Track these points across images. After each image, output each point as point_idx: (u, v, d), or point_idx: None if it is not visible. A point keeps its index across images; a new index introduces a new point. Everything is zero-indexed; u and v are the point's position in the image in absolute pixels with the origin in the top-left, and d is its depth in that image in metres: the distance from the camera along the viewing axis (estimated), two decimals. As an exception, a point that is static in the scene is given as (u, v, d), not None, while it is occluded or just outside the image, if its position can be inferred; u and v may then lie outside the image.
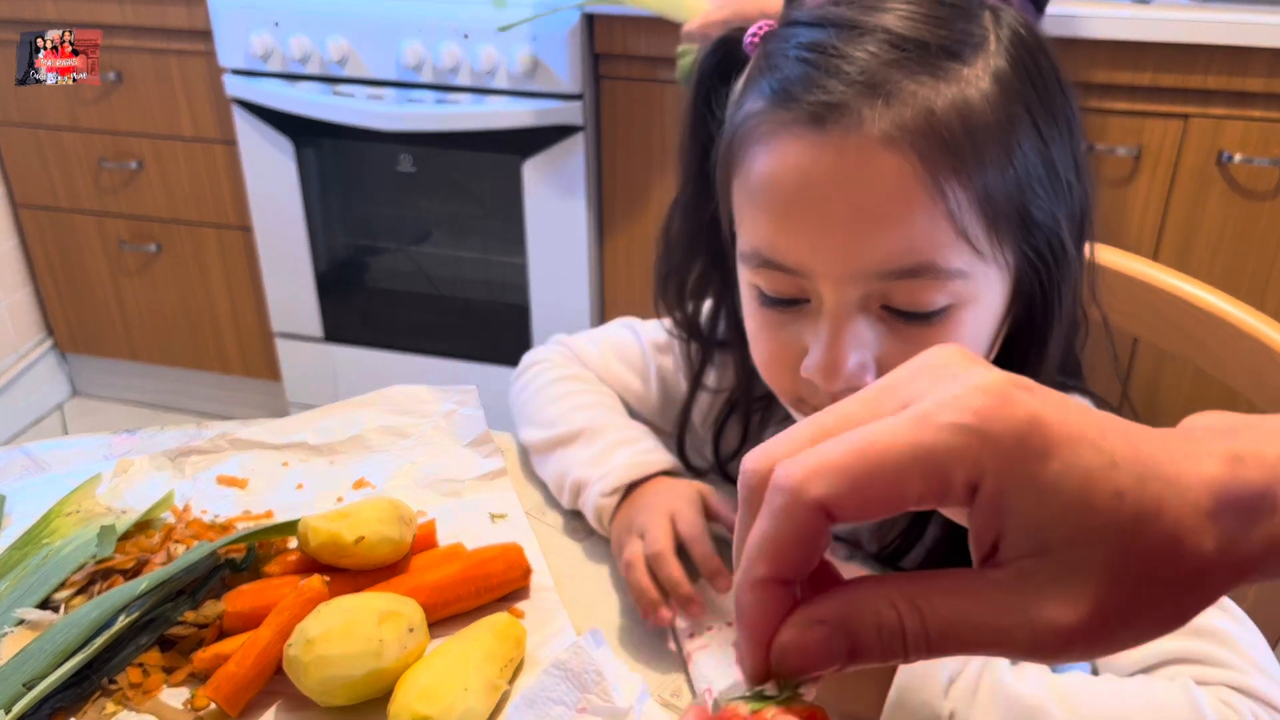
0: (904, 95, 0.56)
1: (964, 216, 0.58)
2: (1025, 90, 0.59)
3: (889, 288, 0.60)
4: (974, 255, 0.59)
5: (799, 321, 0.63)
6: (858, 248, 0.59)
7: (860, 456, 0.29)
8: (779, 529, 0.30)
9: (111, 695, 0.68)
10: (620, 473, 0.79)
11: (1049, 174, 0.61)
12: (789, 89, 0.59)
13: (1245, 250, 1.76)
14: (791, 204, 0.60)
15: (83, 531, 0.80)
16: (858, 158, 0.57)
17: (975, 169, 0.57)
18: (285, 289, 2.24)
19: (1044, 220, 0.61)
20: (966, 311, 0.61)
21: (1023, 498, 0.29)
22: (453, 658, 0.66)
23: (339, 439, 0.94)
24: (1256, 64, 1.62)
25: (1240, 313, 0.83)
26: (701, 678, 0.68)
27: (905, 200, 0.57)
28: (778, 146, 0.60)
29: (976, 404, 0.29)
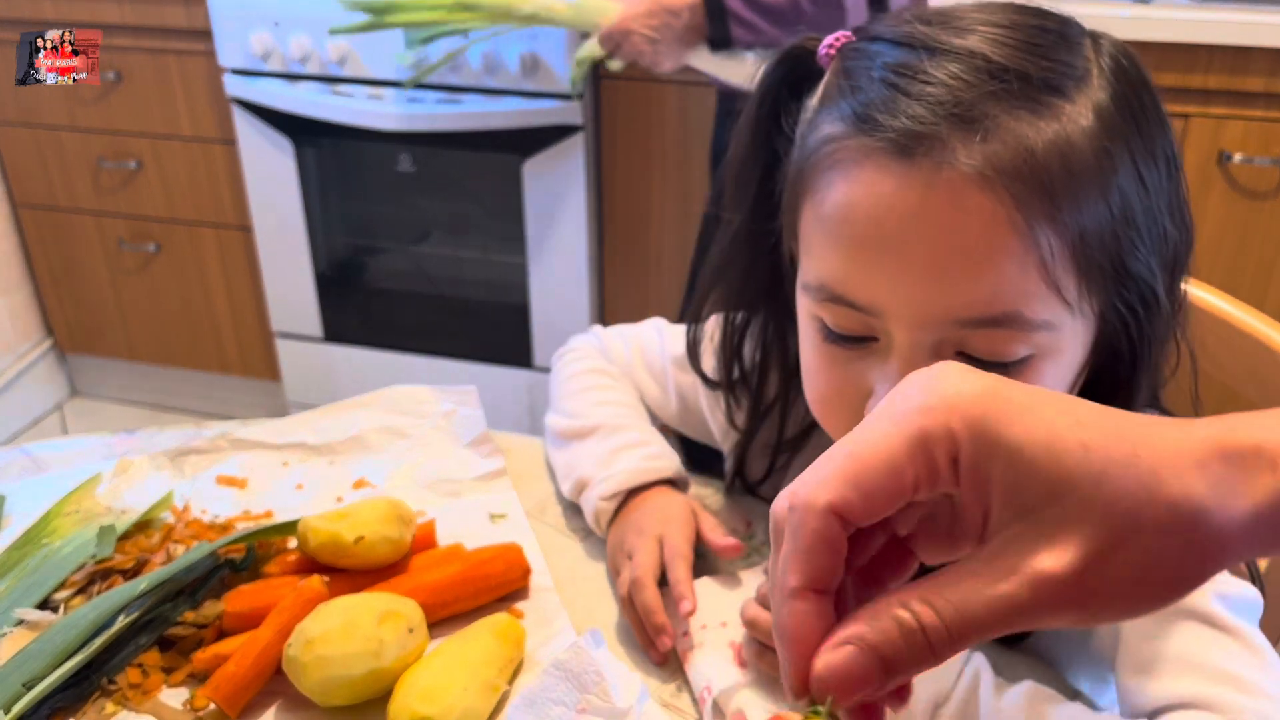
0: (1001, 131, 0.52)
1: (1056, 266, 0.53)
2: (1128, 129, 0.55)
3: (967, 335, 0.55)
4: (1062, 306, 0.55)
5: (864, 360, 0.59)
6: (939, 292, 0.54)
7: (853, 459, 0.32)
8: (799, 540, 0.32)
9: (111, 695, 0.68)
10: (621, 478, 0.79)
11: (1147, 220, 0.56)
12: (873, 114, 0.54)
13: (1245, 250, 1.76)
14: (870, 239, 0.55)
15: (82, 532, 0.80)
16: (947, 195, 0.52)
17: (1071, 215, 0.53)
18: (285, 289, 2.24)
19: (1139, 271, 0.57)
20: (1046, 363, 0.56)
21: (995, 462, 0.31)
22: (452, 658, 0.66)
23: (338, 439, 0.94)
24: (1257, 64, 1.62)
25: (1240, 312, 0.83)
26: (699, 676, 0.68)
27: (996, 245, 0.52)
28: (858, 176, 0.55)
29: (935, 387, 0.32)
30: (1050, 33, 0.56)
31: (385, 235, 2.22)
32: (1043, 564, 0.30)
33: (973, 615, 0.30)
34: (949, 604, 0.30)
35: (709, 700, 0.66)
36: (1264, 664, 0.58)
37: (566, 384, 0.91)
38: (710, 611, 0.71)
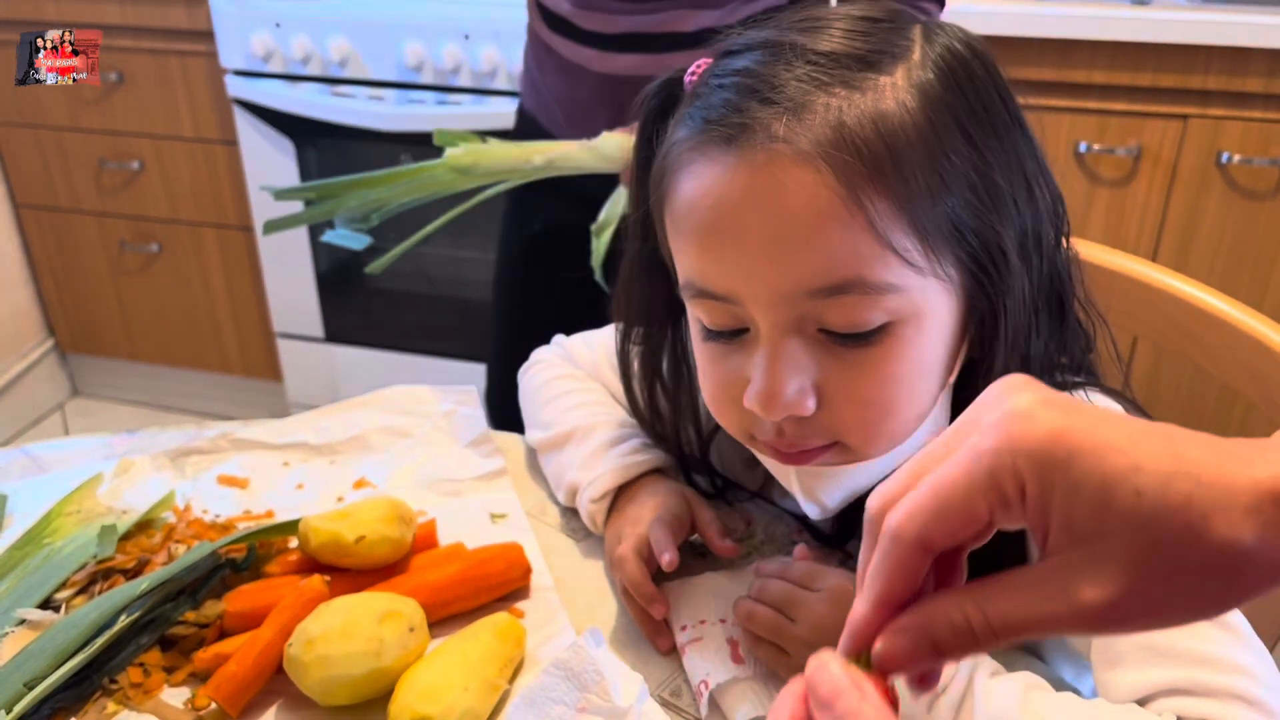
0: (815, 108, 0.56)
1: (888, 228, 0.56)
2: (954, 100, 0.58)
3: (821, 308, 0.57)
4: (907, 268, 0.57)
5: (740, 353, 0.62)
6: (779, 268, 0.57)
7: (934, 496, 0.36)
8: (887, 563, 0.37)
9: (112, 695, 0.68)
10: (608, 478, 0.79)
11: (985, 186, 0.58)
12: (709, 116, 0.59)
13: (1244, 250, 1.76)
14: (712, 227, 0.59)
15: (83, 531, 0.80)
16: (770, 174, 0.56)
17: (895, 178, 0.55)
18: (286, 289, 2.24)
19: (982, 231, 0.59)
20: (909, 329, 0.59)
21: (1055, 498, 0.34)
22: (453, 657, 0.66)
23: (339, 439, 0.94)
24: (1255, 65, 1.62)
25: (1239, 313, 0.83)
26: (697, 670, 0.68)
27: (821, 214, 0.55)
28: (696, 170, 0.59)
29: (1006, 427, 0.35)
30: (878, 21, 0.60)
31: (386, 236, 2.22)
32: (1085, 595, 0.34)
33: (1017, 624, 0.35)
34: (1000, 612, 0.35)
35: (706, 694, 0.67)
36: (1236, 637, 0.59)
37: (535, 396, 0.91)
38: (708, 608, 0.72)
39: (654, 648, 0.72)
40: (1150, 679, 0.58)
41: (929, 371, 0.61)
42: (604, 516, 0.80)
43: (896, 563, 0.37)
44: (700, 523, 0.77)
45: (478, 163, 1.21)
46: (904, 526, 0.36)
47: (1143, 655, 0.59)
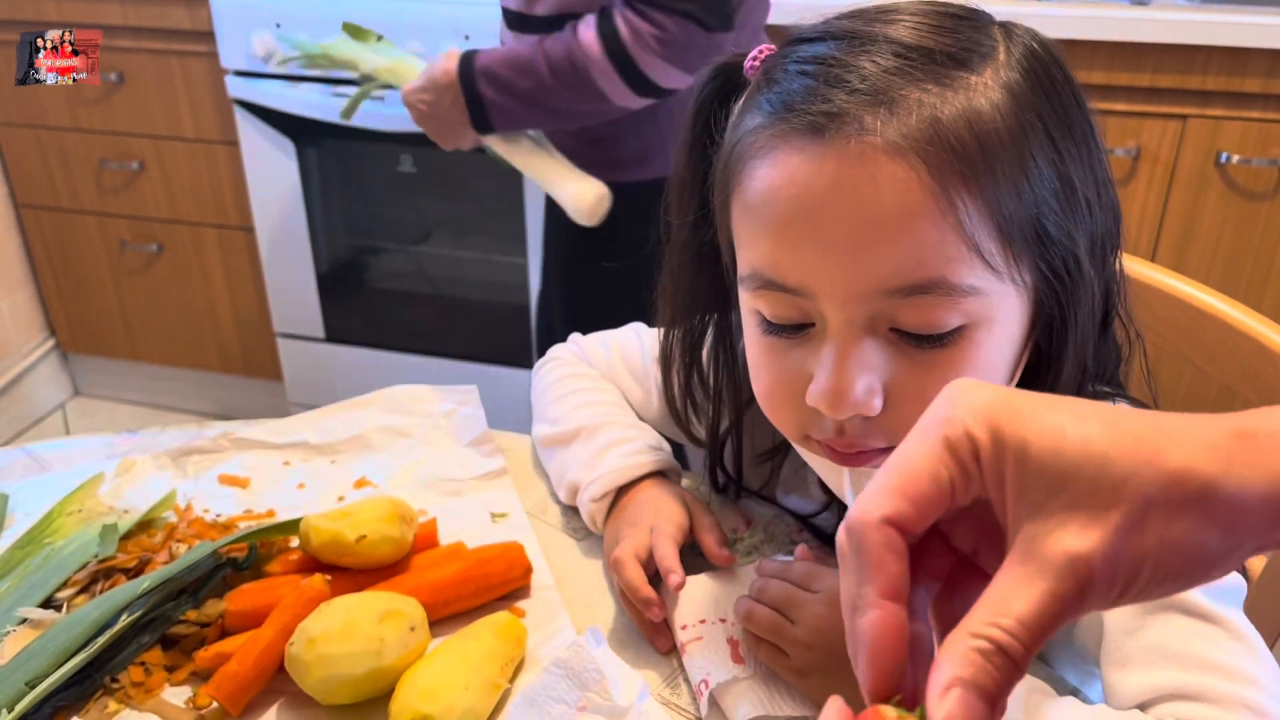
0: (908, 103, 0.54)
1: (976, 229, 0.54)
2: (1039, 102, 0.57)
3: (897, 307, 0.56)
4: (988, 271, 0.56)
5: (803, 348, 0.60)
6: (862, 263, 0.55)
7: (896, 473, 0.35)
8: (865, 556, 0.34)
9: (114, 694, 0.68)
10: (608, 478, 0.80)
11: (1065, 190, 0.57)
12: (789, 101, 0.57)
13: (1243, 250, 1.76)
14: (791, 218, 0.57)
15: (85, 531, 0.80)
16: (860, 167, 0.54)
17: (987, 179, 0.54)
18: (286, 289, 2.24)
19: (1060, 237, 0.58)
20: (981, 332, 0.57)
21: (1005, 460, 0.33)
22: (453, 656, 0.66)
23: (340, 439, 0.94)
24: (1254, 65, 1.63)
25: (1238, 313, 0.83)
26: (697, 669, 0.68)
27: (912, 211, 0.54)
28: (777, 159, 0.57)
29: (952, 396, 0.35)
30: (959, 18, 0.59)
31: (386, 236, 2.22)
32: (1069, 546, 0.32)
33: (1032, 620, 0.32)
34: (1009, 618, 0.32)
35: (706, 693, 0.67)
36: (1249, 649, 0.58)
37: (547, 393, 0.91)
38: (708, 607, 0.72)
39: (653, 648, 0.73)
40: (1158, 681, 0.58)
41: (995, 376, 0.60)
42: (603, 516, 0.80)
43: (876, 550, 0.34)
44: (699, 529, 0.77)
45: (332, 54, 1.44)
46: (870, 510, 0.34)
47: (1152, 658, 0.59)
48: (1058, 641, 0.69)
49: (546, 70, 1.25)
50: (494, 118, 1.32)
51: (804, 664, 0.66)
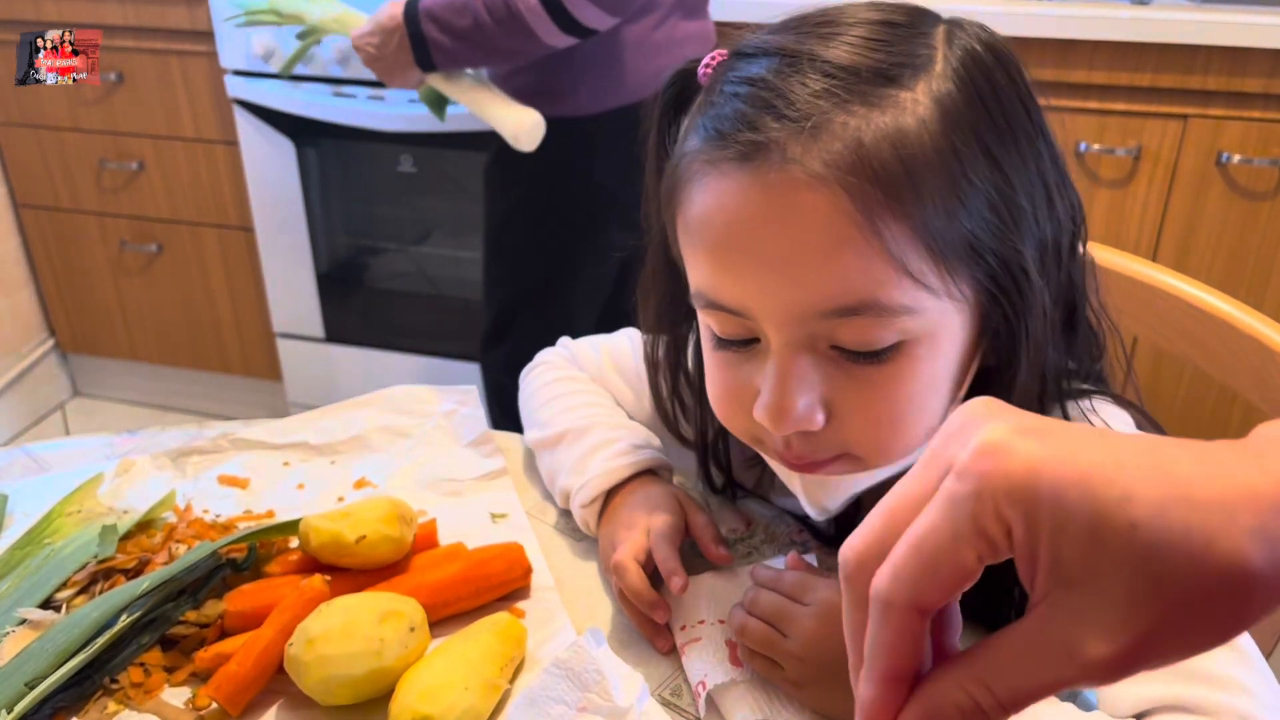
0: (833, 128, 0.54)
1: (903, 252, 0.54)
2: (974, 113, 0.56)
3: (834, 327, 0.57)
4: (921, 290, 0.56)
5: (751, 361, 0.61)
6: (793, 289, 0.56)
7: (919, 554, 0.33)
8: (885, 635, 0.34)
9: (113, 695, 0.68)
10: (596, 482, 0.79)
11: (1005, 203, 0.57)
12: (720, 128, 0.57)
13: (1244, 250, 1.76)
14: (725, 244, 0.58)
15: (84, 531, 0.80)
16: (784, 197, 0.54)
17: (913, 202, 0.54)
18: (286, 289, 2.24)
19: (1002, 251, 0.58)
20: (920, 347, 0.58)
21: (1041, 538, 0.31)
22: (453, 657, 0.66)
23: (340, 439, 0.94)
24: (1255, 65, 1.63)
25: (1239, 313, 0.83)
26: (695, 670, 0.68)
27: (836, 238, 0.54)
28: (710, 185, 0.58)
29: (979, 467, 0.32)
30: (897, 26, 0.58)
31: (386, 236, 2.22)
32: (1091, 650, 0.31)
33: (1027, 694, 0.32)
34: (1005, 685, 0.32)
35: (704, 694, 0.67)
36: (1242, 657, 0.58)
37: (535, 396, 0.91)
38: (707, 608, 0.72)
39: (653, 648, 0.72)
40: (1151, 693, 0.58)
41: (939, 387, 0.61)
42: (595, 521, 0.80)
43: (895, 632, 0.34)
44: (694, 527, 0.77)
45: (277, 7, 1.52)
46: (894, 592, 0.33)
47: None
48: None
49: (484, 11, 1.35)
50: (436, 56, 1.41)
51: (798, 676, 0.65)
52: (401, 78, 1.47)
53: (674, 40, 1.51)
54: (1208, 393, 1.85)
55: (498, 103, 1.44)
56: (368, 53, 1.45)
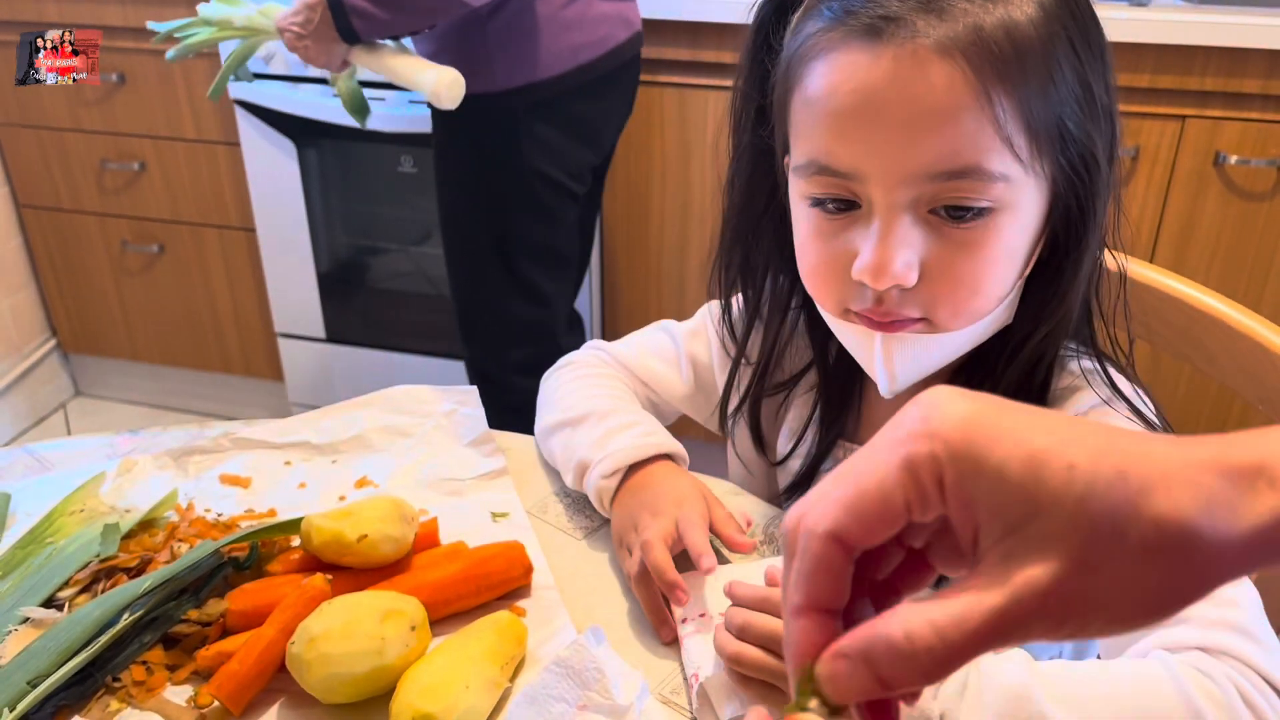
0: (955, 11, 0.61)
1: (1008, 124, 0.62)
2: (1065, 18, 0.64)
3: (937, 189, 0.63)
4: (1015, 162, 0.63)
5: (849, 229, 0.67)
6: (910, 150, 0.63)
7: (849, 486, 0.35)
8: (804, 563, 0.35)
9: (115, 693, 0.69)
10: (620, 455, 0.81)
11: (1085, 96, 0.65)
12: (849, 7, 0.64)
13: (1242, 251, 1.76)
14: (850, 111, 0.64)
15: (86, 530, 0.80)
16: (912, 65, 0.61)
17: (1019, 82, 0.62)
18: (287, 289, 2.24)
19: (1080, 136, 0.65)
20: (1005, 216, 0.65)
21: (978, 483, 0.33)
22: (454, 656, 0.67)
23: (341, 438, 0.94)
24: (1253, 65, 1.63)
25: (1236, 313, 0.84)
26: (690, 661, 0.68)
27: (956, 105, 0.61)
28: (837, 59, 0.64)
29: (920, 413, 0.34)
30: None
31: (387, 236, 2.22)
32: (1026, 575, 0.31)
33: (969, 630, 0.32)
34: (949, 622, 0.32)
35: (695, 686, 0.67)
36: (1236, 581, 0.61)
37: (558, 389, 0.93)
38: (711, 601, 0.72)
39: (657, 638, 0.73)
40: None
41: (1014, 257, 0.68)
42: (611, 495, 0.81)
43: (814, 562, 0.35)
44: (716, 520, 0.77)
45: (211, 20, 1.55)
46: (817, 521, 0.35)
47: None
48: None
49: None
50: (356, 23, 1.44)
51: None
52: (326, 56, 1.49)
53: (587, 18, 1.56)
54: (1205, 393, 1.85)
55: (417, 65, 1.48)
56: (293, 33, 1.47)
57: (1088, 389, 0.72)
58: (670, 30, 1.79)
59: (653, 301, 2.10)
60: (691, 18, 1.79)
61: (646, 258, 2.06)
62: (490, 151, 1.58)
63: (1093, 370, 0.73)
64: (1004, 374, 0.73)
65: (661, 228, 2.02)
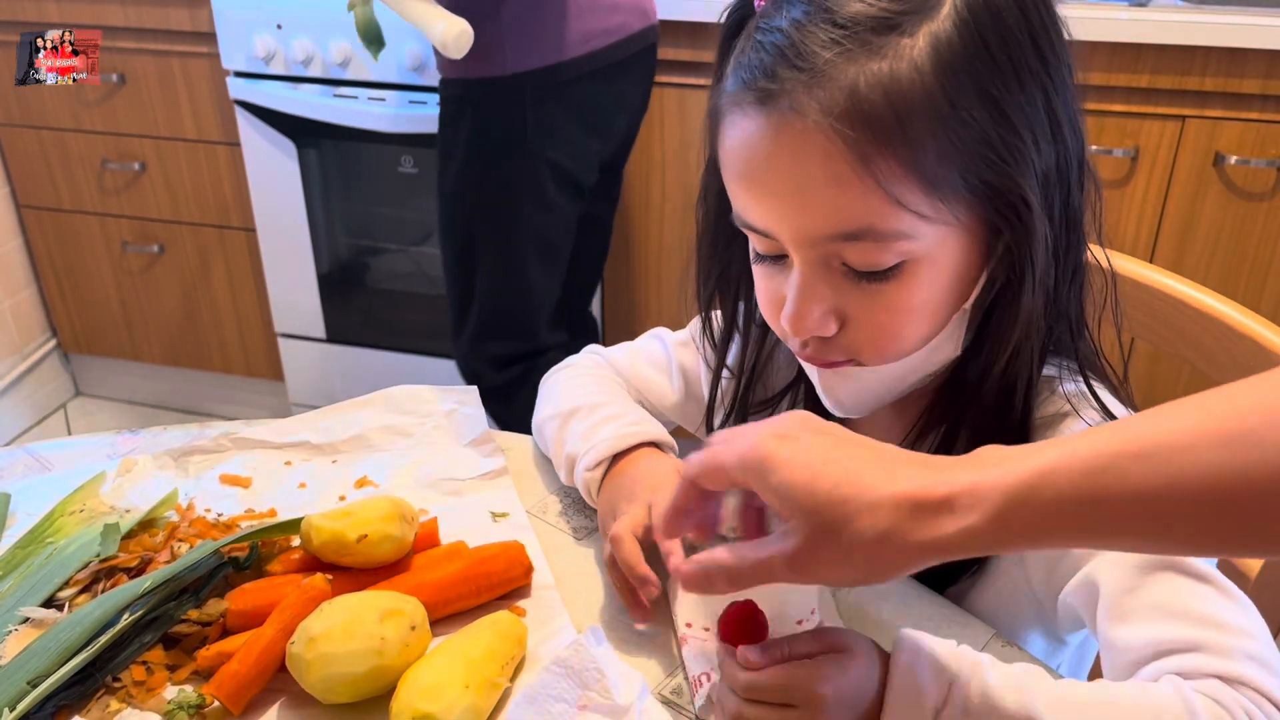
0: (834, 76, 0.60)
1: (896, 186, 0.61)
2: (973, 55, 0.61)
3: (841, 249, 0.64)
4: (915, 218, 0.62)
5: (783, 273, 0.69)
6: (801, 217, 0.64)
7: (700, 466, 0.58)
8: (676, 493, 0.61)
9: (115, 693, 0.69)
10: (603, 446, 0.81)
11: (1002, 139, 0.62)
12: (745, 75, 0.64)
13: (1241, 251, 1.76)
14: (747, 175, 0.66)
15: (87, 530, 0.80)
16: (791, 139, 0.62)
17: (903, 143, 0.60)
18: (287, 290, 2.24)
19: (999, 184, 0.63)
20: (920, 267, 0.65)
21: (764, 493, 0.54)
22: (454, 655, 0.67)
23: (341, 438, 0.94)
24: (1253, 66, 1.63)
25: (1235, 313, 0.84)
26: (696, 664, 0.68)
27: (834, 176, 0.61)
28: (736, 123, 0.65)
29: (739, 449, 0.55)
30: None
31: (387, 236, 2.22)
32: (786, 543, 0.53)
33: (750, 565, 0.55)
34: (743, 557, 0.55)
35: (705, 686, 0.66)
36: (1240, 607, 0.62)
37: (555, 388, 0.93)
38: (711, 612, 0.71)
39: (657, 637, 0.72)
40: (1162, 635, 0.61)
41: (938, 303, 0.68)
42: (597, 486, 0.81)
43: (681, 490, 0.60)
44: None
45: None
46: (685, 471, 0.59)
47: (1154, 614, 0.62)
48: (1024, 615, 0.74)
49: None
50: None
51: None
52: None
53: (601, 6, 1.56)
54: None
55: (431, 12, 1.49)
56: None
57: (1075, 416, 0.70)
58: (671, 30, 1.79)
59: (652, 302, 2.10)
60: (692, 17, 1.79)
61: (646, 258, 2.06)
62: (496, 133, 1.58)
63: (1083, 393, 0.72)
64: (978, 394, 0.72)
65: (661, 228, 2.03)
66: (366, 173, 2.14)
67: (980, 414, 0.72)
